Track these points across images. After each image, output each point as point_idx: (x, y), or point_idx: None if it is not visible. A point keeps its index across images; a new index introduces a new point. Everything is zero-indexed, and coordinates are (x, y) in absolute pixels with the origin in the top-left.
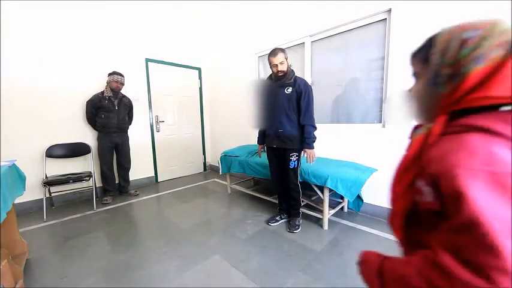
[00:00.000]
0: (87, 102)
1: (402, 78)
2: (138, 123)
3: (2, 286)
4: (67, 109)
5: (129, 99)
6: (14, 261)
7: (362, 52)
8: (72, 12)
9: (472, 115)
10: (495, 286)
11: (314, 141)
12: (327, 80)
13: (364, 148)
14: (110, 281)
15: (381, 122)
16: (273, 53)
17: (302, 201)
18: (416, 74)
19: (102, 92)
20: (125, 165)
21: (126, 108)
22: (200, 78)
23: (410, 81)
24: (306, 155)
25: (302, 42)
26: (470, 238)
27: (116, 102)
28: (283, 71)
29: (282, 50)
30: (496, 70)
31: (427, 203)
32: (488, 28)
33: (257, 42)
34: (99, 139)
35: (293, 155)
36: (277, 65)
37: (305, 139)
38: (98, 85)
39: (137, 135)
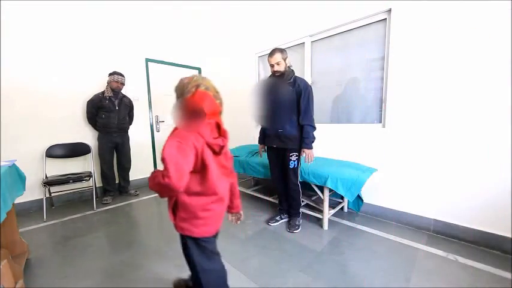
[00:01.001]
0: (87, 102)
1: (402, 78)
2: (138, 123)
3: (2, 286)
4: (67, 109)
5: (129, 99)
6: (14, 261)
7: (362, 52)
8: (72, 12)
9: None
10: (164, 181)
11: (313, 142)
12: (327, 80)
13: (364, 148)
14: (110, 281)
15: (380, 122)
16: (271, 53)
17: (302, 201)
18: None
19: (103, 92)
20: (125, 165)
21: (127, 108)
22: None
23: (410, 81)
24: (304, 155)
25: (302, 42)
26: (164, 165)
27: (116, 102)
28: (279, 71)
29: (281, 51)
30: (192, 97)
31: None
32: (190, 79)
33: (257, 42)
34: (99, 139)
35: (293, 154)
36: (273, 65)
37: (303, 139)
38: (98, 85)
39: (137, 135)
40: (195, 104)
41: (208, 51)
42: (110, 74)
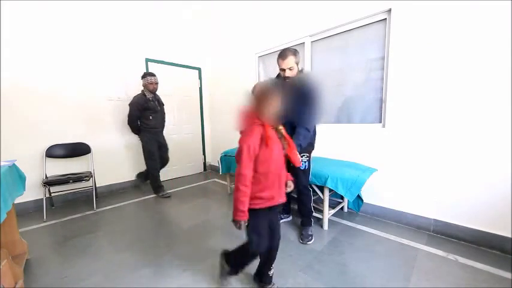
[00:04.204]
0: (130, 105)
1: (402, 78)
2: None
3: (2, 286)
4: (67, 109)
5: (160, 98)
6: (14, 261)
7: (362, 52)
8: (73, 12)
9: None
10: (239, 170)
11: (301, 146)
12: (327, 80)
13: (364, 148)
14: (110, 281)
15: (380, 122)
16: (284, 54)
17: (313, 206)
18: None
19: (144, 94)
20: (168, 159)
21: (163, 107)
22: (200, 78)
23: (409, 81)
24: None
25: (302, 42)
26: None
27: (157, 103)
28: (290, 77)
29: (294, 53)
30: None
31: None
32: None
33: (257, 42)
34: (146, 139)
35: (303, 155)
36: (285, 70)
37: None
38: (98, 85)
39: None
40: None
41: (208, 51)
42: (143, 77)
